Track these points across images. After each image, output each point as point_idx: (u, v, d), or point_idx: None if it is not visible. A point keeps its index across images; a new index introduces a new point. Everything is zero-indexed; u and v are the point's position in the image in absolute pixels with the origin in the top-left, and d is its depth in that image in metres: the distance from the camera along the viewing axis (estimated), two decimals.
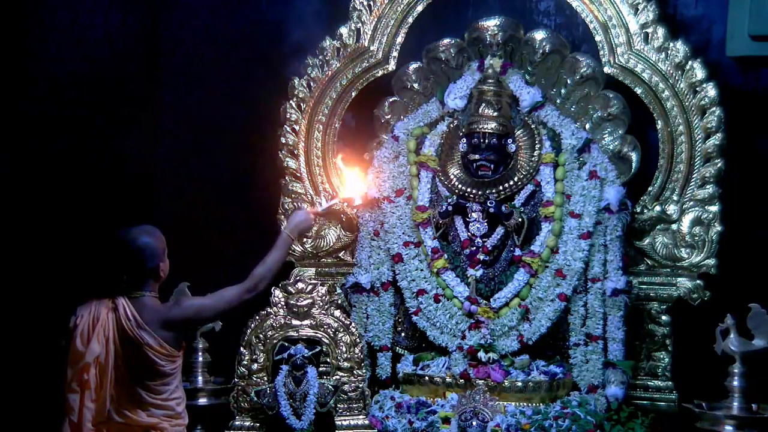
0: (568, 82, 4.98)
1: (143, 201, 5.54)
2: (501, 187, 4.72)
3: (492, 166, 4.71)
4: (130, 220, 4.00)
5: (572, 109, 4.98)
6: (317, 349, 4.38)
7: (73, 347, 3.75)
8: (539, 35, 4.96)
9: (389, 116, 5.15)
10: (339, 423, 4.38)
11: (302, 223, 4.32)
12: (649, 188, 4.92)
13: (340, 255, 5.19)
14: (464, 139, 4.76)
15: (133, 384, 3.76)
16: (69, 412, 3.73)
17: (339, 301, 4.93)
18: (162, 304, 3.90)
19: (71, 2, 5.67)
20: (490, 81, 4.80)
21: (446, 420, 4.32)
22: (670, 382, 4.86)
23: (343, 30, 5.13)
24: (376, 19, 5.11)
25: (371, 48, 5.13)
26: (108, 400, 3.74)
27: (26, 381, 5.22)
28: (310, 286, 4.46)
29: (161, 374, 3.77)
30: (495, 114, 4.72)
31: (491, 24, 4.97)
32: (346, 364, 4.43)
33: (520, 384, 4.44)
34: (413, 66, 5.11)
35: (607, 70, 4.92)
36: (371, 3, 5.11)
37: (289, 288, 4.45)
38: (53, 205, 5.53)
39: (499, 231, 4.70)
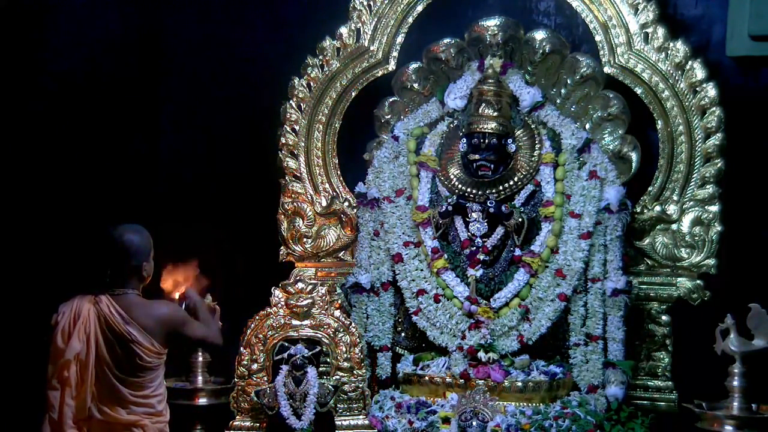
0: (568, 82, 4.98)
1: (143, 200, 5.54)
2: (501, 187, 4.72)
3: (492, 166, 4.70)
4: (129, 220, 4.00)
5: (572, 109, 4.98)
6: (317, 349, 4.38)
7: (54, 344, 3.76)
8: (539, 35, 4.96)
9: (389, 116, 5.15)
10: (339, 423, 4.38)
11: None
12: (649, 188, 4.92)
13: (340, 255, 5.20)
14: (464, 139, 4.76)
15: (115, 381, 3.76)
16: (49, 409, 3.74)
17: (339, 301, 4.94)
18: (149, 300, 3.91)
19: (72, 3, 5.68)
20: (490, 81, 4.80)
21: (446, 420, 4.32)
22: (670, 382, 4.86)
23: (343, 30, 5.13)
24: (376, 19, 5.11)
25: (371, 48, 5.13)
26: (89, 398, 3.74)
27: (7, 378, 5.22)
28: (310, 286, 4.46)
29: (146, 369, 3.78)
30: (495, 114, 4.72)
31: (491, 24, 4.97)
32: (346, 364, 4.43)
33: (520, 384, 4.44)
34: (413, 66, 5.11)
35: (607, 70, 4.92)
36: (371, 3, 5.12)
37: (289, 288, 4.45)
38: (52, 204, 5.54)
39: (499, 231, 4.70)
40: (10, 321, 5.30)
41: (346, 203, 5.13)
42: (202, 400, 4.76)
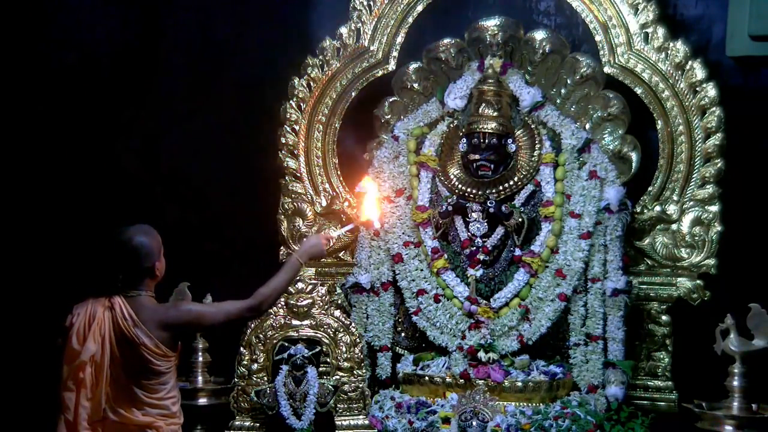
0: (568, 82, 4.98)
1: (143, 201, 5.54)
2: (501, 187, 4.72)
3: (492, 166, 4.71)
4: (129, 220, 4.00)
5: (572, 109, 4.98)
6: (317, 349, 4.38)
7: (69, 346, 3.75)
8: (539, 35, 4.96)
9: (389, 116, 5.15)
10: (339, 423, 4.38)
11: (314, 248, 4.07)
12: (649, 188, 4.92)
13: (340, 255, 5.19)
14: (464, 139, 4.76)
15: (129, 383, 3.75)
16: (64, 411, 3.73)
17: (339, 301, 4.94)
18: (160, 304, 3.89)
19: (72, 2, 5.68)
20: (490, 81, 4.80)
21: (446, 420, 4.32)
22: (670, 382, 4.86)
23: (343, 30, 5.13)
24: (376, 19, 5.11)
25: (371, 48, 5.13)
26: (103, 399, 3.73)
27: (22, 379, 5.22)
28: (310, 286, 4.46)
29: (156, 373, 3.77)
30: (495, 114, 4.72)
31: (491, 24, 4.97)
32: (346, 364, 4.44)
33: (520, 384, 4.44)
34: (413, 66, 5.11)
35: (607, 70, 4.92)
36: (371, 3, 5.11)
37: (289, 288, 4.45)
38: (52, 204, 5.54)
39: (499, 231, 4.70)
40: (24, 323, 5.30)
41: (346, 203, 5.13)
42: (202, 400, 4.75)
